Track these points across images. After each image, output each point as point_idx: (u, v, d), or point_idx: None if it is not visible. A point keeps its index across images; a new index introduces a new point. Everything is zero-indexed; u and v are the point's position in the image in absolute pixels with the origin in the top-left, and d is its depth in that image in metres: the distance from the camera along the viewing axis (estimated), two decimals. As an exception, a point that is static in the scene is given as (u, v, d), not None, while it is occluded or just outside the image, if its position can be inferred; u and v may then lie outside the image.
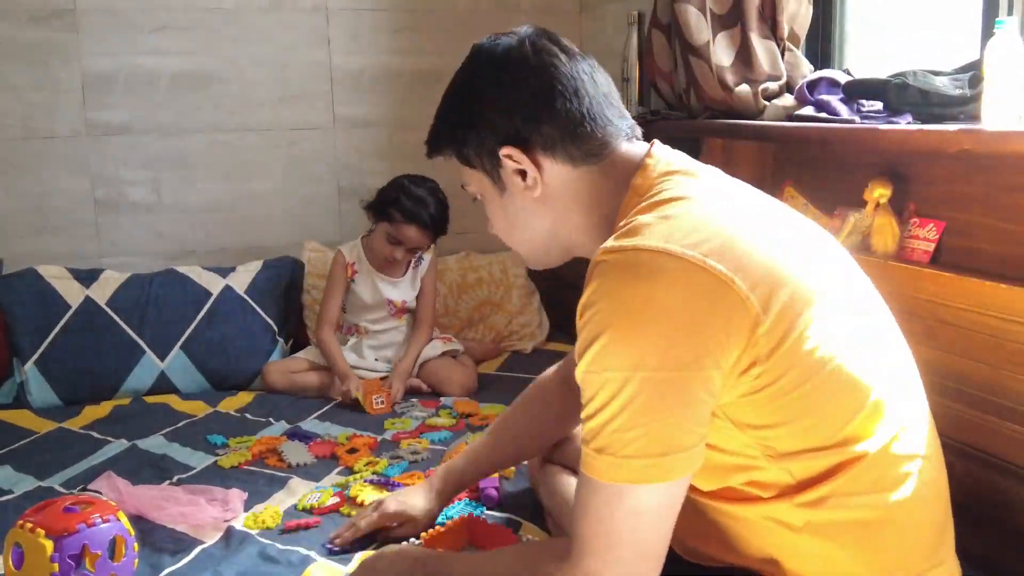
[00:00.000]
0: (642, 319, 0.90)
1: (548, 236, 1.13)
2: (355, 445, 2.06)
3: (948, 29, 2.01)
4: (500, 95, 1.08)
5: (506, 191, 1.11)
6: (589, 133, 1.07)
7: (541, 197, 1.09)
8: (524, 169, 1.07)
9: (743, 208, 1.04)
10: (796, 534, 0.99)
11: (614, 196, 1.07)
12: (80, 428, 2.24)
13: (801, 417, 0.96)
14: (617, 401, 0.91)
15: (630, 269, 0.93)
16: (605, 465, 0.93)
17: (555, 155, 1.07)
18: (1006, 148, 1.35)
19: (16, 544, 1.39)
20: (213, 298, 2.62)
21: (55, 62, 2.70)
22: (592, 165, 1.08)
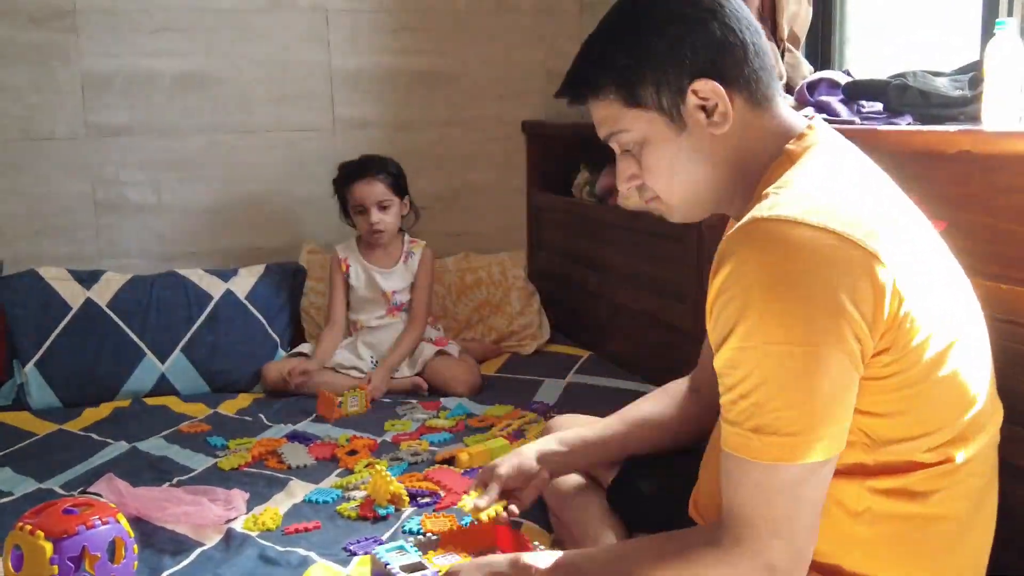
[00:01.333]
0: (786, 292, 0.89)
1: (711, 182, 1.08)
2: (355, 447, 2.06)
3: (948, 30, 2.01)
4: (689, 30, 1.03)
5: (685, 130, 1.05)
6: (768, 69, 1.06)
7: (721, 135, 1.04)
8: (708, 105, 1.04)
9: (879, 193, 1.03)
10: (851, 518, 0.99)
11: (769, 152, 1.05)
12: (80, 430, 2.24)
13: (913, 411, 0.96)
14: (770, 381, 0.90)
15: (771, 242, 0.91)
16: (764, 445, 0.91)
17: (741, 90, 1.04)
18: (1006, 149, 1.35)
19: (16, 546, 1.38)
20: (214, 301, 2.61)
21: (55, 63, 2.70)
22: (765, 109, 1.06)
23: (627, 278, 2.60)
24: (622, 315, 2.65)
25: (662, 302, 2.39)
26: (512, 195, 3.21)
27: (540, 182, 3.15)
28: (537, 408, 2.32)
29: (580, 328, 2.94)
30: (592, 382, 2.49)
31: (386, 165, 2.59)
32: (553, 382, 2.51)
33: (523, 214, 3.23)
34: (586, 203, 2.83)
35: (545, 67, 3.14)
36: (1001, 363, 1.37)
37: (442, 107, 3.08)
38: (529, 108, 3.14)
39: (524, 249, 3.18)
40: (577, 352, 2.77)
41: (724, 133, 1.05)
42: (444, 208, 3.14)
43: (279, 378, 2.47)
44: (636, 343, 2.61)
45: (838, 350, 0.90)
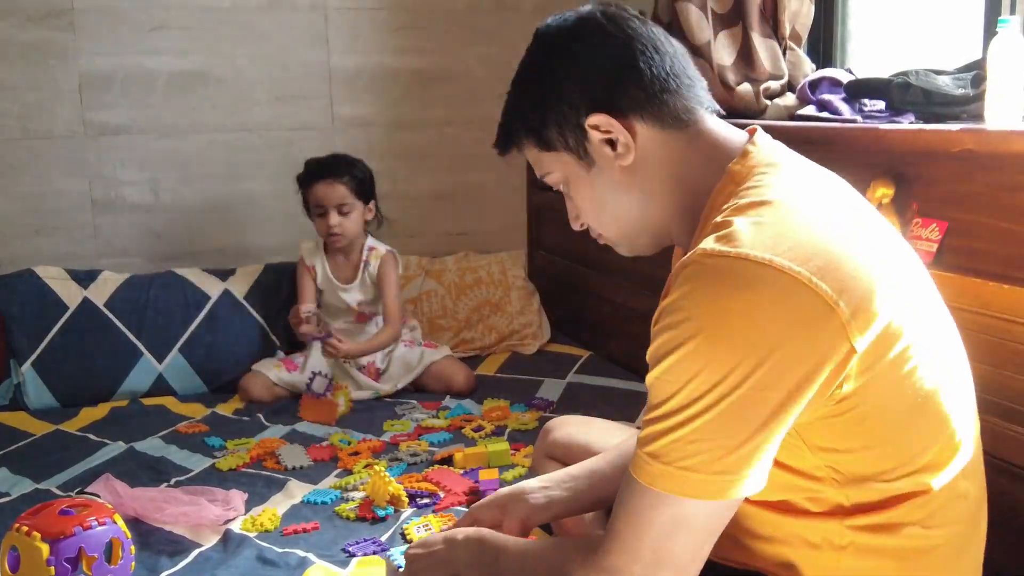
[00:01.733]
0: (737, 332, 0.85)
1: (638, 214, 1.06)
2: (358, 448, 2.05)
3: (950, 28, 2.01)
4: (578, 63, 1.03)
5: (594, 165, 1.04)
6: (675, 91, 1.02)
7: (632, 166, 1.03)
8: (613, 137, 1.02)
9: (845, 215, 0.97)
10: (837, 552, 0.96)
11: (705, 176, 1.01)
12: (77, 430, 2.23)
13: (879, 444, 0.92)
14: (689, 410, 0.86)
15: (731, 278, 0.86)
16: (656, 472, 0.88)
17: (643, 117, 1.01)
18: (1009, 148, 1.35)
19: (12, 547, 1.38)
20: (212, 301, 2.61)
21: (52, 62, 2.69)
22: (680, 131, 1.03)
23: (627, 278, 2.59)
24: (622, 315, 2.64)
25: (662, 302, 2.38)
26: (512, 195, 3.20)
27: (540, 182, 3.13)
28: (538, 404, 2.32)
29: (580, 328, 2.93)
30: (592, 382, 2.49)
31: (352, 167, 2.50)
32: (553, 382, 2.51)
33: (523, 214, 3.22)
34: (586, 203, 2.82)
35: (545, 66, 3.13)
36: (1002, 363, 1.37)
37: (442, 107, 3.07)
38: (529, 107, 3.13)
39: (524, 249, 3.17)
40: (577, 352, 2.76)
41: (634, 164, 1.02)
42: (444, 208, 3.13)
43: (267, 395, 2.44)
44: (636, 343, 2.60)
45: (776, 398, 0.85)
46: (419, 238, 3.09)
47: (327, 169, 2.48)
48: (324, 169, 2.48)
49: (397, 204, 3.03)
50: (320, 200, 2.47)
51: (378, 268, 2.55)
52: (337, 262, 2.57)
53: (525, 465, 1.90)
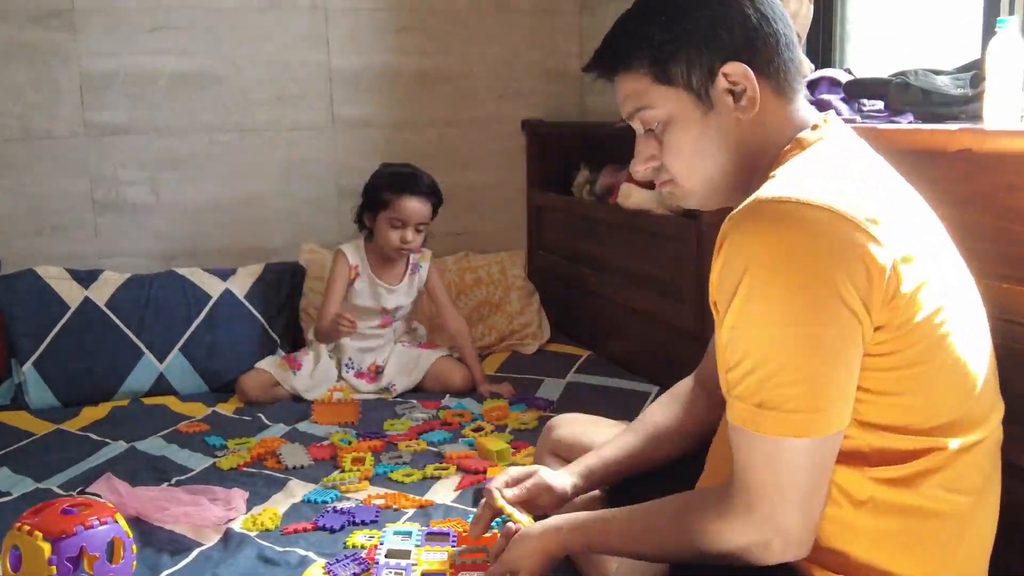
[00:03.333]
0: (794, 273, 0.91)
1: (729, 169, 1.08)
2: (358, 448, 2.06)
3: (949, 28, 2.01)
4: (728, 12, 1.05)
5: (711, 111, 1.06)
6: (797, 64, 1.07)
7: (746, 121, 1.06)
8: (739, 89, 1.05)
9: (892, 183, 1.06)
10: (855, 508, 1.00)
11: (781, 143, 1.06)
12: (78, 429, 2.23)
13: (906, 393, 0.97)
14: (776, 354, 0.92)
15: (782, 219, 0.92)
16: (770, 420, 0.93)
17: (769, 79, 1.06)
18: (1008, 147, 1.35)
19: (14, 547, 1.38)
20: (213, 301, 2.61)
21: (53, 62, 2.69)
22: (789, 100, 1.07)
23: (627, 278, 2.60)
24: (622, 315, 2.64)
25: (662, 302, 2.39)
26: (512, 195, 3.20)
27: (540, 181, 3.15)
28: (539, 404, 2.32)
29: (580, 328, 2.93)
30: (592, 381, 2.49)
31: (436, 186, 2.49)
32: (553, 381, 2.51)
33: (523, 214, 3.23)
34: (586, 202, 2.82)
35: (545, 67, 3.14)
36: (1002, 362, 1.37)
37: (442, 107, 3.08)
38: (529, 107, 3.13)
39: (524, 248, 3.18)
40: (577, 351, 2.76)
41: (750, 119, 1.06)
42: (444, 208, 3.12)
43: (265, 396, 2.43)
44: (636, 343, 2.61)
45: (836, 328, 0.91)
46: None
47: (419, 185, 2.44)
48: (416, 184, 2.44)
49: (397, 204, 3.03)
50: (406, 215, 2.42)
51: (427, 272, 2.56)
52: (384, 268, 2.54)
53: (526, 465, 1.90)
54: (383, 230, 2.46)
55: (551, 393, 2.42)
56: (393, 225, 2.44)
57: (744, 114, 1.05)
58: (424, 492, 1.82)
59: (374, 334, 2.56)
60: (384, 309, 2.54)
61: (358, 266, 2.53)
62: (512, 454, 1.97)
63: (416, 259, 2.56)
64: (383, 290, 2.53)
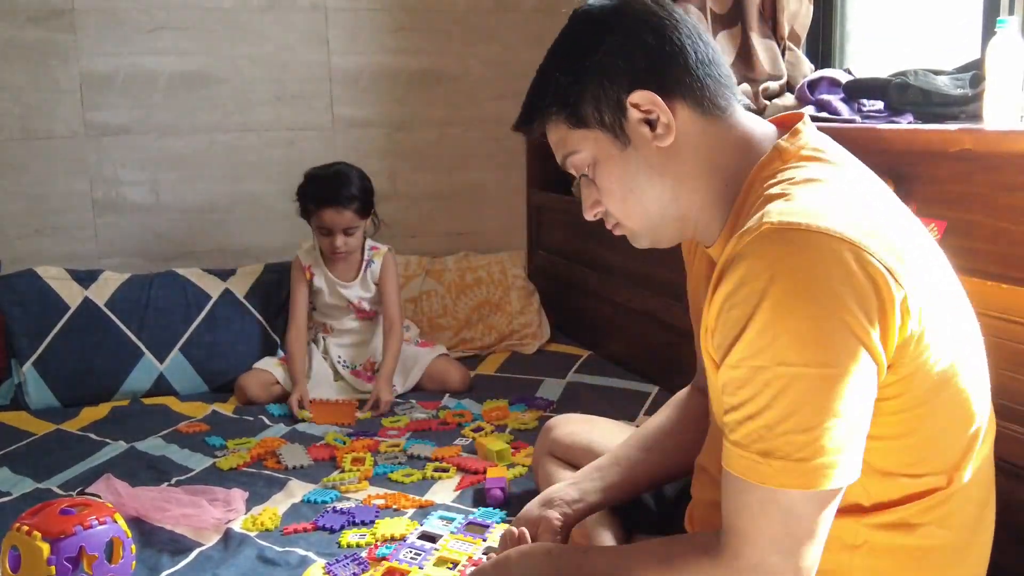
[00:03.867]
0: (812, 310, 0.84)
1: (667, 201, 1.03)
2: (354, 447, 2.06)
3: (949, 28, 2.01)
4: (625, 39, 1.00)
5: (629, 145, 1.01)
6: (715, 78, 1.01)
7: (669, 148, 1.00)
8: (652, 117, 1.00)
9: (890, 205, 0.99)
10: (849, 551, 0.97)
11: (740, 164, 1.01)
12: (78, 430, 2.23)
13: (910, 434, 0.93)
14: (786, 398, 0.85)
15: (798, 251, 0.85)
16: (773, 470, 0.87)
17: (685, 99, 1.00)
18: (1007, 147, 1.35)
19: (13, 547, 1.38)
20: (212, 301, 2.61)
21: (53, 62, 2.69)
22: (718, 118, 1.01)
23: (627, 278, 2.60)
24: (622, 315, 2.64)
25: (662, 302, 2.39)
26: (512, 195, 3.20)
27: (540, 181, 3.15)
28: (539, 404, 2.32)
29: (580, 327, 2.93)
30: (592, 381, 2.49)
31: (354, 189, 2.43)
32: (553, 381, 2.51)
33: (523, 213, 3.23)
34: (586, 202, 2.82)
35: (545, 66, 3.13)
36: (1001, 362, 1.37)
37: (442, 106, 3.08)
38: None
39: (524, 248, 3.17)
40: (577, 351, 2.76)
41: (672, 146, 1.00)
42: (444, 208, 3.14)
43: (264, 395, 2.43)
44: (636, 343, 2.61)
45: (855, 373, 0.85)
46: (419, 238, 3.10)
47: (335, 195, 2.41)
48: (332, 195, 2.41)
49: (397, 204, 3.03)
50: (327, 225, 2.43)
51: (380, 267, 2.56)
52: (337, 267, 2.55)
53: (526, 464, 1.90)
54: (316, 236, 2.50)
55: (551, 393, 2.42)
56: (321, 232, 2.46)
57: (662, 142, 1.00)
58: (424, 492, 1.82)
59: (353, 328, 2.57)
60: (350, 304, 2.55)
61: (311, 266, 2.55)
62: (512, 454, 1.97)
63: (370, 255, 2.56)
64: (340, 287, 2.55)
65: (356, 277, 2.56)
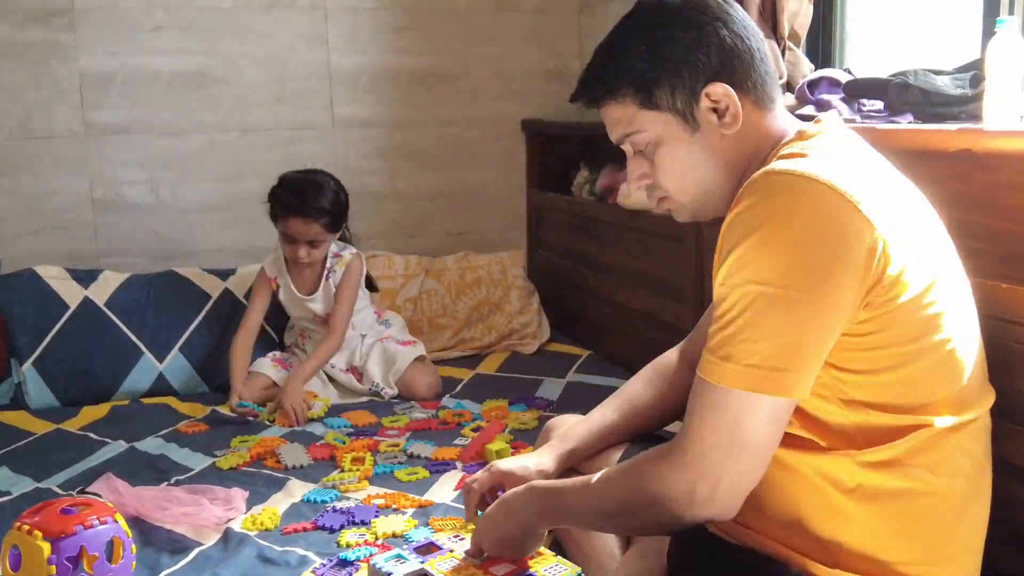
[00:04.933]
0: (790, 240, 0.95)
1: (720, 180, 1.14)
2: (353, 447, 2.06)
3: (949, 28, 2.01)
4: (704, 35, 1.10)
5: (698, 130, 1.11)
6: (772, 75, 1.14)
7: (734, 136, 1.11)
8: (721, 107, 1.10)
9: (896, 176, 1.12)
10: (844, 496, 1.01)
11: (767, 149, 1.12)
12: (78, 429, 2.23)
13: (889, 371, 1.00)
14: (751, 312, 0.95)
15: (787, 191, 0.97)
16: (728, 372, 0.96)
17: (748, 93, 1.11)
18: (1007, 147, 1.35)
19: (13, 546, 1.38)
20: (212, 301, 2.61)
21: (53, 62, 2.69)
22: (769, 110, 1.14)
23: (627, 277, 2.60)
24: (622, 314, 2.64)
25: (662, 302, 2.39)
26: (512, 194, 3.21)
27: (540, 181, 3.15)
28: (539, 404, 2.32)
29: (580, 327, 2.93)
30: (592, 381, 2.49)
31: (326, 201, 2.36)
32: (553, 381, 2.51)
33: (523, 213, 3.23)
34: (586, 202, 2.82)
35: (544, 66, 3.14)
36: (1001, 362, 1.37)
37: (442, 106, 3.08)
38: (529, 107, 3.13)
39: (524, 248, 3.18)
40: (577, 351, 2.77)
41: (735, 134, 1.11)
42: (444, 208, 3.14)
43: (258, 398, 2.39)
44: (636, 342, 2.61)
45: (822, 300, 0.94)
46: (419, 238, 3.10)
47: (304, 205, 2.34)
48: (301, 205, 2.34)
49: (397, 205, 3.04)
50: (292, 234, 2.37)
51: (341, 275, 2.48)
52: (301, 274, 2.50)
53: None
54: (281, 242, 2.44)
55: (551, 393, 2.42)
56: (285, 240, 2.41)
57: (728, 130, 1.11)
58: (424, 492, 1.82)
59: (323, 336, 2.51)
60: (316, 316, 2.52)
61: (276, 278, 2.51)
62: (512, 454, 1.97)
63: (332, 263, 2.49)
64: (303, 299, 2.50)
65: (318, 289, 2.49)
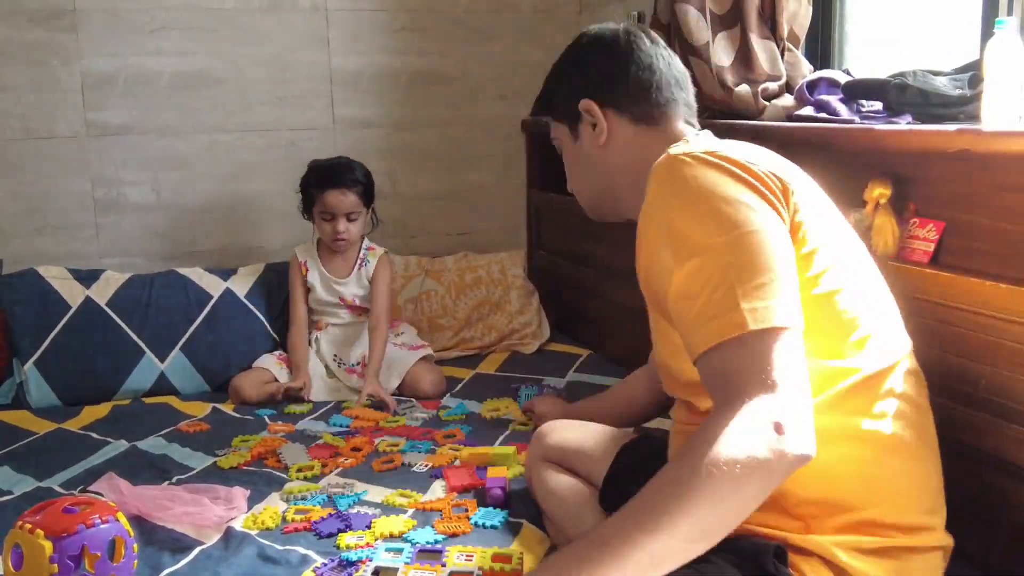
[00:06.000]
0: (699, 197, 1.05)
1: (603, 185, 1.37)
2: (356, 444, 2.06)
3: (948, 29, 2.01)
4: (588, 61, 1.36)
5: (579, 139, 1.36)
6: (652, 100, 1.32)
7: (604, 146, 1.33)
8: (595, 122, 1.32)
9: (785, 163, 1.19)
10: None
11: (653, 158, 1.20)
12: (79, 429, 2.24)
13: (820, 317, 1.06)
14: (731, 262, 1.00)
15: (691, 166, 1.08)
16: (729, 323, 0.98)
17: (620, 112, 1.32)
18: (1006, 148, 1.35)
19: (16, 545, 1.38)
20: (214, 300, 2.61)
21: (55, 62, 2.70)
22: (648, 127, 1.32)
23: (627, 277, 2.58)
24: (622, 314, 2.65)
25: (662, 301, 2.39)
26: (512, 194, 3.21)
27: (540, 181, 3.15)
28: (548, 391, 2.35)
29: (580, 327, 2.94)
30: (592, 380, 2.49)
31: (358, 174, 2.53)
32: (553, 381, 2.51)
33: (523, 213, 3.23)
34: (586, 202, 2.83)
35: (545, 67, 3.11)
36: (1001, 362, 1.37)
37: (442, 107, 3.08)
38: (529, 107, 3.13)
39: (524, 248, 3.18)
40: (577, 351, 2.77)
41: (606, 144, 1.33)
42: (444, 208, 3.14)
43: (257, 394, 2.42)
44: (636, 342, 2.60)
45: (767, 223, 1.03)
46: (419, 238, 3.11)
47: (339, 176, 2.50)
48: (336, 177, 2.49)
49: (397, 204, 3.04)
50: (331, 207, 2.50)
51: (375, 267, 2.58)
52: (333, 261, 2.59)
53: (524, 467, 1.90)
54: (318, 224, 2.56)
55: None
56: (324, 218, 2.52)
57: (598, 140, 1.33)
58: (424, 491, 1.82)
59: (344, 324, 2.60)
60: (343, 299, 2.58)
61: (306, 262, 2.60)
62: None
63: (366, 254, 2.60)
64: (334, 282, 2.59)
65: (350, 274, 2.58)
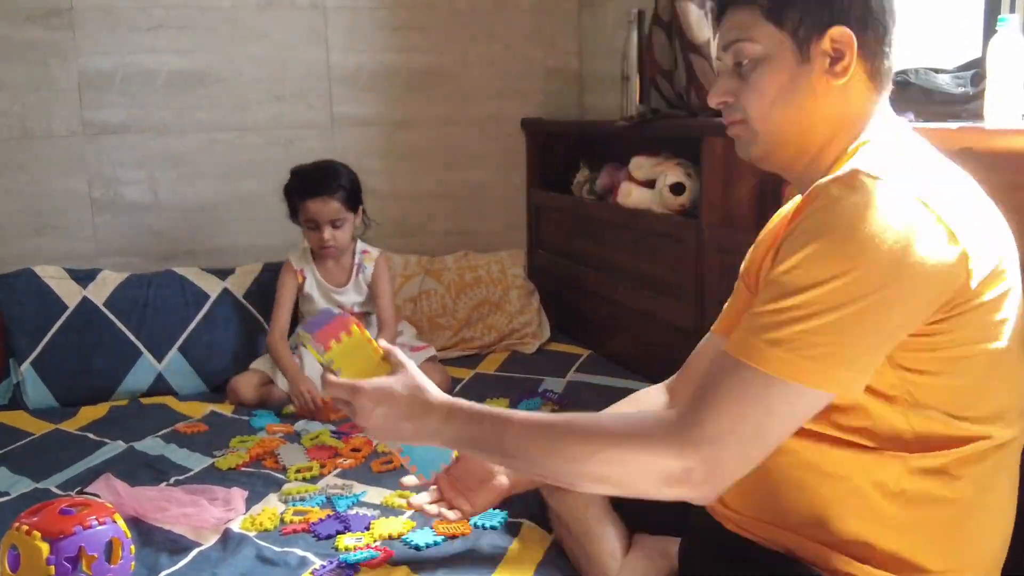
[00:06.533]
0: (876, 246, 0.91)
1: (805, 126, 1.10)
2: (357, 445, 2.05)
3: (950, 27, 2.01)
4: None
5: (806, 64, 1.07)
6: (891, 60, 1.11)
7: (838, 89, 1.08)
8: (837, 55, 1.07)
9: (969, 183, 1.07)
10: (887, 499, 1.00)
11: (859, 128, 1.09)
12: (77, 429, 2.23)
13: (954, 376, 0.98)
14: (822, 305, 0.91)
15: (874, 193, 0.93)
16: (774, 357, 0.92)
17: (866, 59, 1.08)
18: (1009, 146, 1.35)
19: (12, 546, 1.38)
20: (211, 300, 2.61)
21: (52, 61, 2.69)
22: (875, 89, 1.10)
23: (627, 277, 2.59)
24: (622, 314, 2.64)
25: (662, 301, 2.38)
26: (512, 193, 3.20)
27: (540, 180, 3.15)
28: (549, 396, 2.33)
29: (580, 327, 2.93)
30: (592, 380, 2.49)
31: (341, 179, 2.44)
32: (553, 381, 2.51)
33: (523, 212, 3.22)
34: (586, 201, 2.82)
35: (545, 65, 3.13)
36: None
37: (441, 105, 3.07)
38: (529, 106, 3.13)
39: (524, 247, 3.17)
40: (577, 351, 2.76)
41: (836, 87, 1.07)
42: (444, 208, 3.13)
43: (253, 396, 2.41)
44: (636, 342, 2.60)
45: (885, 308, 0.91)
46: (419, 238, 3.10)
47: (319, 184, 2.41)
48: (316, 184, 2.42)
49: (397, 204, 3.03)
50: (313, 216, 2.42)
51: (374, 269, 2.55)
52: (328, 267, 2.54)
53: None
54: (305, 232, 2.49)
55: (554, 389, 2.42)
56: (309, 227, 2.45)
57: (834, 79, 1.07)
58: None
59: None
60: (342, 306, 2.54)
61: (303, 270, 2.53)
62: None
63: (361, 259, 2.55)
64: (332, 291, 2.53)
65: (348, 282, 2.54)
